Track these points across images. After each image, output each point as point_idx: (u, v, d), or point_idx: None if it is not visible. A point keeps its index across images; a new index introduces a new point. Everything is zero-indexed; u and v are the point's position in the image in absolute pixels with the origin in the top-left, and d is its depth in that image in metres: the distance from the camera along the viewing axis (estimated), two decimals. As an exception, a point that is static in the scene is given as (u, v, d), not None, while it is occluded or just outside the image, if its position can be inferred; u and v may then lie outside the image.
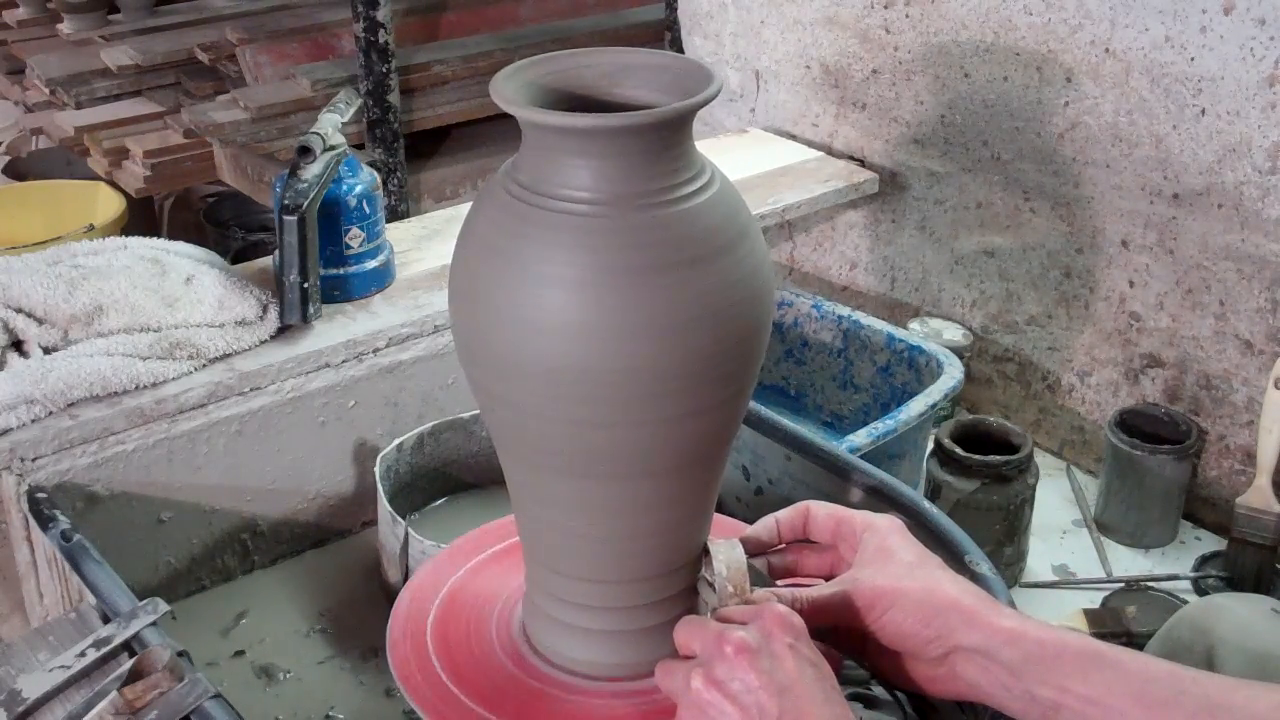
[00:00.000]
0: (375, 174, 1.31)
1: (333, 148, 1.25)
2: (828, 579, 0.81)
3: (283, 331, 1.21)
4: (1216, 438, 1.53)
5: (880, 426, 1.33)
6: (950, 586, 0.73)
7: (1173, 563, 1.51)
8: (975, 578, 0.86)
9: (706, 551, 0.79)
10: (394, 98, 2.04)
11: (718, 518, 0.84)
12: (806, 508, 0.82)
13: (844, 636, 0.77)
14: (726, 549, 0.77)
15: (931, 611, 0.72)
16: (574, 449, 0.73)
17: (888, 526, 0.78)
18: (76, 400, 1.09)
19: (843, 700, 0.67)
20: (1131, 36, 1.46)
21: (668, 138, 0.70)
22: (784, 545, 0.83)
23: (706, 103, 0.70)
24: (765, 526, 0.82)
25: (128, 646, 0.85)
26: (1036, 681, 0.69)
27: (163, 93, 2.49)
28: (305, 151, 1.22)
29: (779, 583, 0.81)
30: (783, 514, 0.82)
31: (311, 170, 1.21)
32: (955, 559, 0.88)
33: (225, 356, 1.17)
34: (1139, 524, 1.52)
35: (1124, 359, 1.60)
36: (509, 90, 0.71)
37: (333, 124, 1.27)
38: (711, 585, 0.78)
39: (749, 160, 1.80)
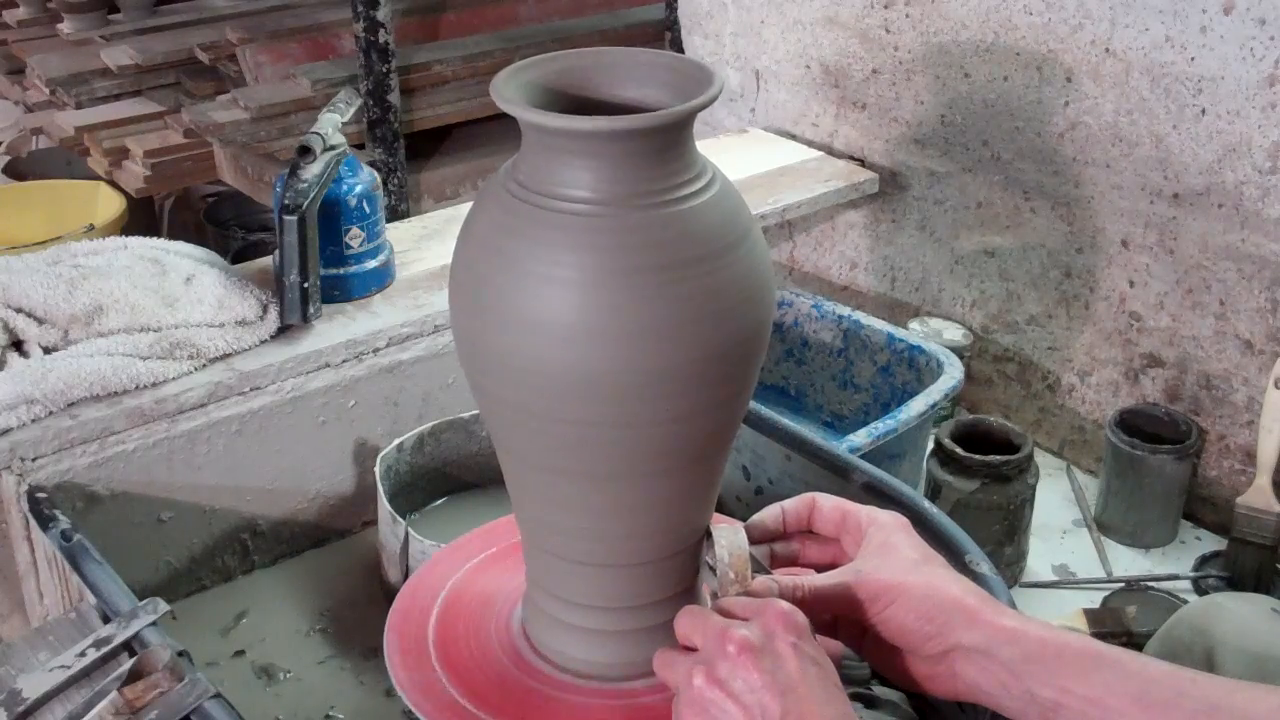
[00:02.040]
0: (375, 174, 1.31)
1: (333, 148, 1.25)
2: (828, 571, 0.81)
3: (283, 331, 1.21)
4: (1216, 438, 1.53)
5: (880, 426, 1.33)
6: (953, 585, 0.73)
7: (1173, 563, 1.51)
8: (975, 578, 0.86)
9: (709, 535, 0.79)
10: (394, 98, 2.04)
11: (717, 516, 0.84)
12: (812, 499, 0.82)
13: (843, 629, 0.77)
14: (729, 534, 0.76)
15: (933, 608, 0.72)
16: (573, 449, 0.73)
17: (893, 523, 0.78)
18: (76, 400, 1.09)
19: (845, 699, 0.67)
20: (1131, 36, 1.46)
21: (668, 139, 0.70)
22: (787, 535, 0.82)
23: (707, 105, 0.70)
24: (771, 514, 0.82)
25: (128, 646, 0.85)
26: (1037, 681, 0.69)
27: (163, 93, 2.49)
28: (305, 151, 1.22)
29: (779, 572, 0.81)
30: (789, 503, 0.82)
31: (311, 170, 1.21)
32: (955, 559, 0.88)
33: (225, 356, 1.17)
34: (1139, 524, 1.53)
35: (1124, 359, 1.60)
36: (509, 91, 0.71)
37: (333, 124, 1.27)
38: (712, 569, 0.78)
39: (749, 160, 1.80)
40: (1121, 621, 1.33)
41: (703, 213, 0.72)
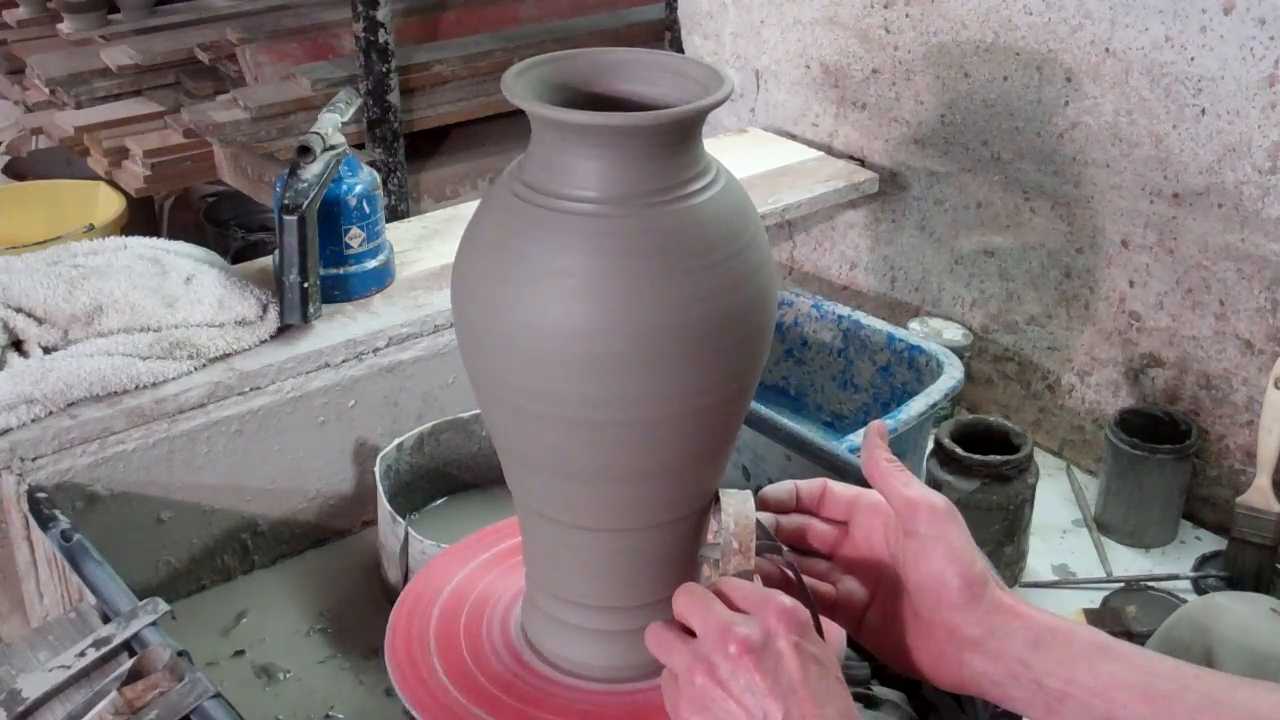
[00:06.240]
0: (375, 174, 1.31)
1: (333, 147, 1.25)
2: (829, 555, 0.81)
3: (283, 331, 1.21)
4: (1216, 438, 1.53)
5: (880, 426, 1.33)
6: (982, 566, 0.73)
7: (1173, 563, 1.51)
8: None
9: (716, 500, 0.78)
10: (394, 98, 2.04)
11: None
12: (824, 483, 0.81)
13: (842, 609, 0.76)
14: (738, 502, 0.75)
15: (969, 561, 0.72)
16: (575, 447, 0.73)
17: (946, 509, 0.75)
18: (76, 400, 1.09)
19: (847, 695, 0.67)
20: (1131, 36, 1.46)
21: (678, 137, 0.71)
22: (796, 510, 0.82)
23: (719, 103, 0.70)
24: (784, 489, 0.81)
25: (128, 646, 0.85)
26: (1045, 671, 0.69)
27: (163, 93, 2.49)
28: (305, 151, 1.22)
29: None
30: (802, 483, 0.82)
31: (311, 170, 1.21)
32: (955, 559, 0.88)
33: (225, 356, 1.17)
34: (1139, 524, 1.53)
35: (1124, 359, 1.60)
36: (520, 87, 0.71)
37: (333, 124, 1.27)
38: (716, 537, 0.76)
39: (749, 160, 1.80)
40: (1121, 621, 1.33)
41: (708, 211, 0.72)
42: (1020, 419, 1.72)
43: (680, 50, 2.11)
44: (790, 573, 0.75)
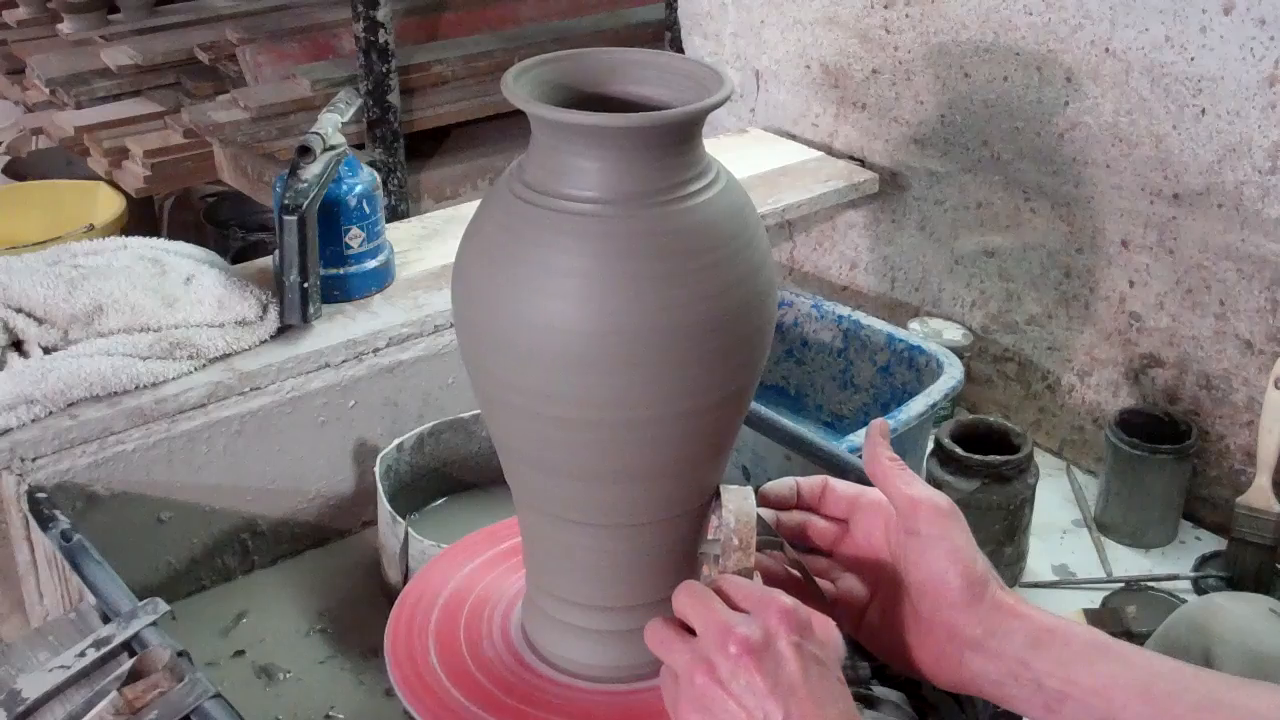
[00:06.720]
0: (375, 174, 1.31)
1: (333, 147, 1.25)
2: (829, 552, 0.81)
3: (283, 331, 1.21)
4: (1216, 438, 1.53)
5: (880, 426, 1.33)
6: (984, 566, 0.73)
7: (1173, 563, 1.51)
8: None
9: (717, 495, 0.78)
10: (394, 98, 2.04)
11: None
12: (825, 480, 0.81)
13: (843, 603, 0.76)
14: (738, 498, 0.75)
15: (971, 562, 0.72)
16: (575, 448, 0.73)
17: (949, 509, 0.75)
18: (76, 400, 1.09)
19: (847, 695, 0.67)
20: (1131, 36, 1.46)
21: (678, 138, 0.71)
22: (797, 507, 0.82)
23: (720, 104, 0.70)
24: (785, 485, 0.81)
25: (128, 646, 0.85)
26: (1044, 671, 0.69)
27: (163, 93, 2.49)
28: (305, 151, 1.22)
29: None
30: (803, 479, 0.82)
31: (311, 170, 1.21)
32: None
33: (225, 356, 1.17)
34: (1139, 524, 1.53)
35: (1124, 359, 1.60)
36: (520, 87, 0.71)
37: (333, 124, 1.27)
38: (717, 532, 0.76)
39: (749, 160, 1.80)
40: (1121, 621, 1.33)
41: (708, 211, 0.72)
42: (1020, 419, 1.72)
43: (680, 50, 2.11)
44: (797, 571, 0.75)
